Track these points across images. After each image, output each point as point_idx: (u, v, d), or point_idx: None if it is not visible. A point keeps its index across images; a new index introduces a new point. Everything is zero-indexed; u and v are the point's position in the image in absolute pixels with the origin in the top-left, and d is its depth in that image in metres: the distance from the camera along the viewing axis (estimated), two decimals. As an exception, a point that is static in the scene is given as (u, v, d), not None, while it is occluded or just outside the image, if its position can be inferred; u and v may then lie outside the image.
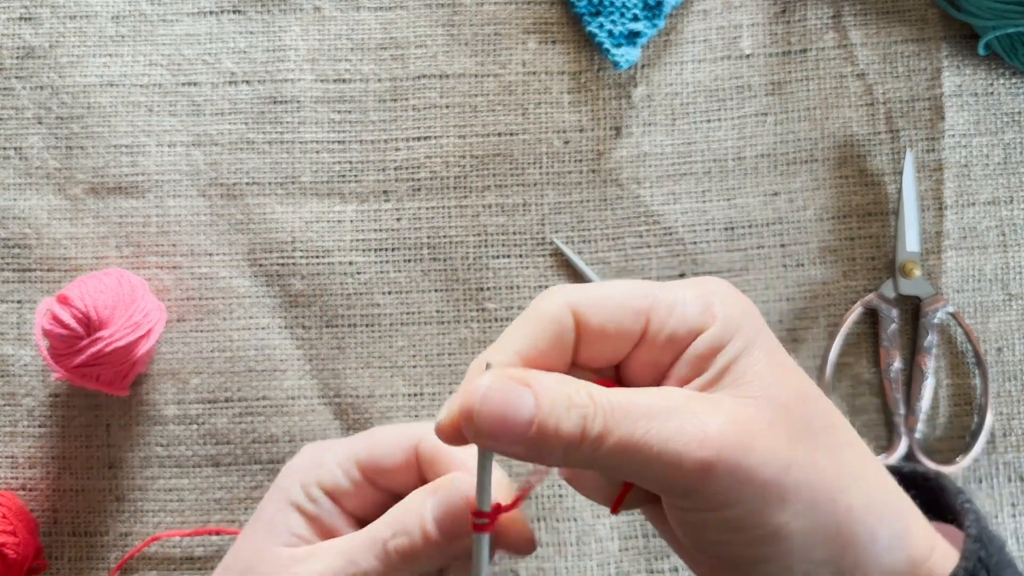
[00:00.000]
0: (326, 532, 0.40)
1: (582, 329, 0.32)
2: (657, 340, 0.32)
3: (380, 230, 0.59)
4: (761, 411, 0.30)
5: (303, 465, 0.41)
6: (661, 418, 0.29)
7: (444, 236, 0.59)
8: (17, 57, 0.59)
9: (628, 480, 0.33)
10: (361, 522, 0.41)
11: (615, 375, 0.34)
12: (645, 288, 0.32)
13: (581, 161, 0.59)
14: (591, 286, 0.32)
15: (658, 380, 0.32)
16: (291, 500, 0.40)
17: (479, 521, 0.33)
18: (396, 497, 0.40)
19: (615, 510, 0.34)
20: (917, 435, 0.57)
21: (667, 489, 0.30)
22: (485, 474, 0.32)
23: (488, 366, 0.31)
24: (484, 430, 0.30)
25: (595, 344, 0.32)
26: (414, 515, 0.38)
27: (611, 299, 0.32)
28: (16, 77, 0.59)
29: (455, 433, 0.31)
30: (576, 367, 0.33)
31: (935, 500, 0.35)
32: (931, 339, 0.57)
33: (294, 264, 0.58)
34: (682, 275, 0.59)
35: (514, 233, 0.59)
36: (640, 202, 0.59)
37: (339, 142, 0.59)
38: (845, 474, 0.30)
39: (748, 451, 0.29)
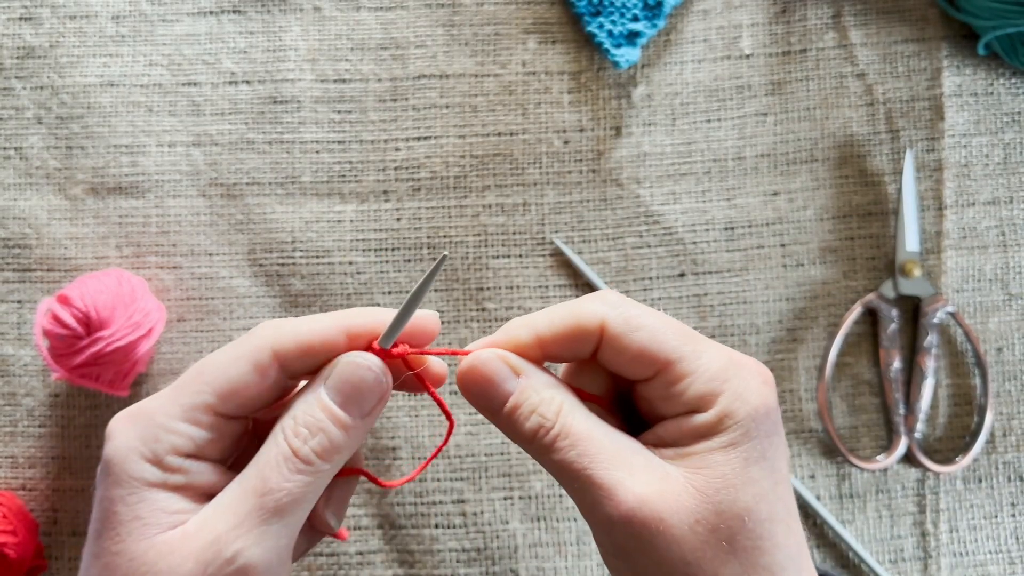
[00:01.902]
0: (204, 494, 0.35)
1: (604, 343, 0.35)
2: (661, 391, 0.35)
3: (380, 230, 0.59)
4: (699, 505, 0.32)
5: (131, 444, 0.34)
6: (606, 463, 0.33)
7: (444, 236, 0.59)
8: (17, 57, 0.59)
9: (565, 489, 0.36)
10: (232, 463, 0.37)
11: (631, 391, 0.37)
12: (680, 340, 0.34)
13: (581, 161, 0.59)
14: (635, 309, 0.35)
15: (656, 418, 0.36)
16: (147, 481, 0.34)
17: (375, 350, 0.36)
18: (259, 422, 0.38)
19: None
20: (917, 435, 0.57)
21: (588, 517, 0.34)
22: (403, 322, 0.35)
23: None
24: (467, 389, 0.36)
25: (612, 358, 0.35)
26: (313, 407, 0.35)
27: (640, 334, 0.34)
28: (16, 77, 0.59)
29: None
30: (596, 364, 0.36)
31: None
32: (931, 339, 0.57)
33: (294, 264, 0.58)
34: (682, 275, 0.59)
35: (514, 233, 0.59)
36: (640, 202, 0.59)
37: (339, 142, 0.59)
38: None
39: (658, 532, 0.31)
